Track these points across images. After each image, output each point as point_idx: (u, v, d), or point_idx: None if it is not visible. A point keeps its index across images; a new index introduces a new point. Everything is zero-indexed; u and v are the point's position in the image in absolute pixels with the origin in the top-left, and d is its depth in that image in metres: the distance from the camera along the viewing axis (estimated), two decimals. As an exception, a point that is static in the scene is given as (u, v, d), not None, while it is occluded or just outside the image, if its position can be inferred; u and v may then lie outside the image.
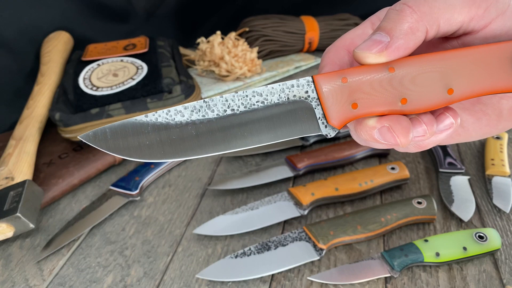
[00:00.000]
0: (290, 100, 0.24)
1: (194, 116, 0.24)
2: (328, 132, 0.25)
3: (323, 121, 0.24)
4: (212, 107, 0.24)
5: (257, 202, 0.50)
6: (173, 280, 0.43)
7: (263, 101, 0.24)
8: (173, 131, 0.24)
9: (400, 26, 0.23)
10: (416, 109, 0.24)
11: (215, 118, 0.24)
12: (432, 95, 0.24)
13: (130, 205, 0.54)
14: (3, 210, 0.45)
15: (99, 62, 0.67)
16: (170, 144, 0.24)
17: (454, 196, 0.50)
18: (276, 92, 0.24)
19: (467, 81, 0.24)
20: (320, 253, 0.43)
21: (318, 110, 0.24)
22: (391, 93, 0.24)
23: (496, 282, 0.41)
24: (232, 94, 0.24)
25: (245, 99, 0.24)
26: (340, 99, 0.24)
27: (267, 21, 0.84)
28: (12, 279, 0.44)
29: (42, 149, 0.59)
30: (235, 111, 0.24)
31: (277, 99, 0.24)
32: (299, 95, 0.24)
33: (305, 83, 0.24)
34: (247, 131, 0.24)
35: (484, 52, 0.24)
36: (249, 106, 0.24)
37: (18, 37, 0.71)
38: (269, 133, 0.24)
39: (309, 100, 0.24)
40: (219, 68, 0.74)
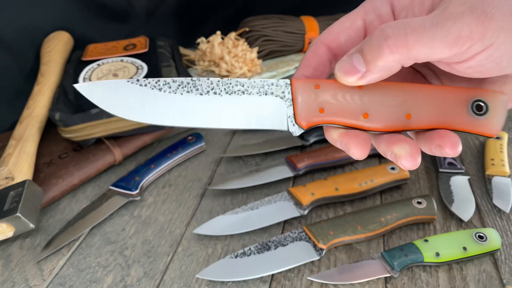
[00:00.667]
0: (267, 95, 0.27)
1: (180, 90, 0.27)
2: (294, 130, 0.27)
3: (292, 120, 0.27)
4: (198, 86, 0.27)
5: (257, 202, 0.50)
6: (173, 280, 0.43)
7: (243, 91, 0.27)
8: (158, 98, 0.27)
9: (377, 62, 0.25)
10: (376, 125, 0.27)
11: (198, 95, 0.27)
12: (392, 115, 0.26)
13: (130, 205, 0.54)
14: (3, 210, 0.45)
15: (99, 62, 0.67)
16: (153, 108, 0.27)
17: (454, 196, 0.50)
18: (256, 86, 0.27)
19: (425, 111, 0.26)
20: (320, 253, 0.43)
21: (289, 109, 0.27)
22: (355, 106, 0.27)
23: (496, 282, 0.41)
24: (217, 79, 0.27)
25: (228, 86, 0.27)
26: (310, 103, 0.27)
27: (267, 21, 0.84)
28: (12, 279, 0.44)
29: (42, 149, 0.59)
30: (217, 94, 0.27)
31: (256, 92, 0.27)
32: (276, 93, 0.27)
33: (284, 84, 0.27)
34: (223, 113, 0.27)
35: (445, 92, 0.27)
36: (230, 92, 0.27)
37: (18, 37, 0.71)
38: (243, 119, 0.27)
39: (284, 99, 0.27)
40: (219, 68, 0.74)
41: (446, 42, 0.23)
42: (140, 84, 0.27)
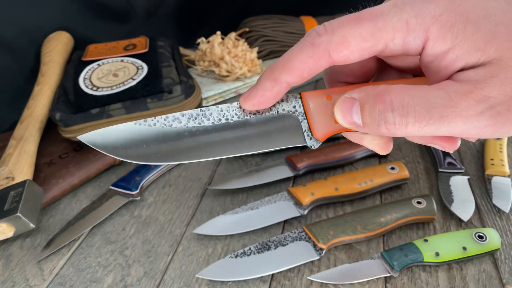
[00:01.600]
0: (279, 113, 0.26)
1: (191, 123, 0.26)
2: (312, 144, 0.27)
3: (308, 134, 0.26)
4: (208, 116, 0.26)
5: (257, 202, 0.50)
6: (173, 280, 0.43)
7: (255, 113, 0.26)
8: (170, 136, 0.25)
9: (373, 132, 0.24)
10: None
11: (210, 126, 0.26)
12: None
13: (130, 205, 0.54)
14: (3, 210, 0.45)
15: (100, 62, 0.67)
16: (166, 148, 0.25)
17: (454, 196, 0.50)
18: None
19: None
20: (320, 253, 0.43)
21: (304, 123, 0.26)
22: None
23: (496, 282, 0.41)
24: (227, 105, 0.26)
25: (239, 110, 0.26)
26: (324, 114, 0.26)
27: (267, 22, 0.84)
28: (13, 279, 0.44)
29: (43, 149, 0.59)
30: (229, 120, 0.26)
31: (267, 111, 0.26)
32: (288, 109, 0.26)
33: (293, 99, 0.26)
34: (239, 139, 0.26)
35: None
36: (243, 117, 0.26)
37: (19, 37, 0.71)
38: (259, 142, 0.26)
39: (296, 114, 0.26)
40: (219, 68, 0.74)
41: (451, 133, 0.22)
42: (148, 125, 0.25)
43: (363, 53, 0.24)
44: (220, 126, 0.26)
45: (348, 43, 0.23)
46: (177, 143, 0.25)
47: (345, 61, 0.24)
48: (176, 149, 0.25)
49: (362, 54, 0.24)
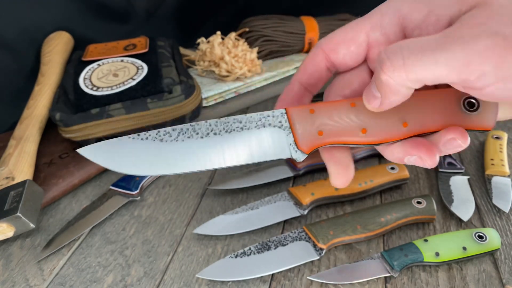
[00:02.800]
0: (266, 127, 0.28)
1: (181, 137, 0.27)
2: (298, 156, 0.28)
3: (294, 147, 0.28)
4: (197, 130, 0.28)
5: (257, 202, 0.50)
6: (173, 280, 0.43)
7: (242, 127, 0.28)
8: (162, 148, 0.27)
9: (382, 89, 0.24)
10: (375, 139, 0.27)
11: (199, 139, 0.27)
12: (389, 126, 0.27)
13: (130, 205, 0.54)
14: (3, 210, 0.45)
15: (100, 62, 0.67)
16: (157, 160, 0.27)
17: (454, 196, 0.50)
18: (254, 120, 0.28)
19: (420, 116, 0.27)
20: (320, 253, 0.43)
21: (289, 137, 0.28)
22: (352, 124, 0.27)
23: (496, 282, 0.41)
24: (215, 120, 0.28)
25: (226, 125, 0.28)
26: (308, 128, 0.27)
27: (267, 22, 0.84)
28: (13, 279, 0.44)
29: (43, 149, 0.59)
30: (217, 134, 0.28)
31: (254, 126, 0.28)
32: (274, 123, 0.28)
33: (279, 114, 0.28)
34: (226, 152, 0.27)
35: (436, 95, 0.27)
36: (230, 130, 0.28)
37: (19, 37, 0.71)
38: (246, 154, 0.27)
39: (282, 128, 0.28)
40: (219, 68, 0.74)
41: (451, 67, 0.21)
42: (141, 138, 0.27)
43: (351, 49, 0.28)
44: (208, 139, 0.27)
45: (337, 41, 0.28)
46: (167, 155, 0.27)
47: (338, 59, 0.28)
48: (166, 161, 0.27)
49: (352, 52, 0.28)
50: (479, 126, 0.27)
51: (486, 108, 0.26)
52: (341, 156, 0.30)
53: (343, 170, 0.30)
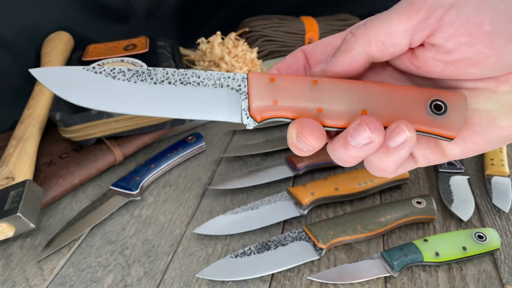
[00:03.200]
0: (223, 88, 0.27)
1: (134, 79, 0.27)
2: (248, 122, 0.27)
3: (246, 113, 0.27)
4: (153, 75, 0.27)
5: (257, 202, 0.50)
6: (173, 280, 0.43)
7: (199, 82, 0.27)
8: (112, 85, 0.27)
9: (339, 47, 0.26)
10: (330, 120, 0.26)
11: (152, 84, 0.27)
12: (347, 110, 0.26)
13: (130, 205, 0.54)
14: (3, 210, 0.45)
15: (100, 62, 0.67)
16: (104, 96, 0.27)
17: (454, 196, 0.50)
18: (213, 78, 0.27)
19: (382, 107, 0.26)
20: (320, 253, 0.43)
21: (244, 102, 0.27)
22: (309, 99, 0.26)
23: (496, 282, 0.41)
24: (173, 70, 0.27)
25: (184, 76, 0.27)
26: (264, 95, 0.27)
27: (267, 22, 0.84)
28: (13, 279, 0.44)
29: (43, 149, 0.59)
30: (171, 84, 0.27)
31: (212, 84, 0.27)
32: (232, 86, 0.27)
33: (240, 78, 0.27)
34: (177, 103, 0.27)
35: (403, 91, 0.26)
36: (185, 83, 0.27)
37: (19, 37, 0.71)
38: (196, 110, 0.27)
39: (240, 92, 0.27)
40: (219, 69, 0.74)
41: (401, 11, 0.23)
42: (95, 72, 0.27)
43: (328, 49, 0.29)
44: (162, 86, 0.27)
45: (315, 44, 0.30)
46: (116, 92, 0.27)
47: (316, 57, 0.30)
48: (113, 98, 0.27)
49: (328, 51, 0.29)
50: (442, 132, 0.25)
51: (453, 113, 0.25)
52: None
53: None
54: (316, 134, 0.26)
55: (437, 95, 0.26)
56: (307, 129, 0.26)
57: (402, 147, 0.25)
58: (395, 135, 0.25)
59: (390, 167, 0.26)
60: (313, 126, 0.26)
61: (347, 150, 0.25)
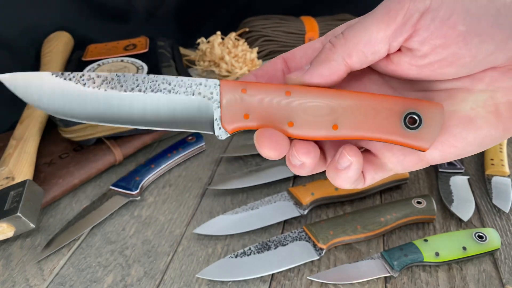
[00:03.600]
0: (194, 96, 0.26)
1: (104, 86, 0.26)
2: (220, 134, 0.26)
3: (218, 123, 0.26)
4: (122, 82, 0.26)
5: (257, 202, 0.50)
6: (173, 280, 0.43)
7: (170, 89, 0.26)
8: (80, 94, 0.26)
9: (319, 58, 0.26)
10: (301, 134, 0.26)
11: (122, 93, 0.26)
12: (317, 125, 0.26)
13: (130, 205, 0.54)
14: (3, 210, 0.45)
15: (100, 62, 0.67)
16: (73, 104, 0.26)
17: (454, 196, 0.50)
18: (184, 85, 0.26)
19: (353, 123, 0.26)
20: (320, 253, 0.43)
21: (217, 112, 0.26)
22: (281, 113, 0.26)
23: (496, 282, 0.41)
24: (143, 75, 0.26)
25: (154, 83, 0.26)
26: (235, 107, 0.26)
27: (267, 22, 0.84)
28: (13, 279, 0.44)
29: (43, 149, 0.59)
30: (141, 92, 0.26)
31: (183, 92, 0.26)
32: (204, 93, 0.26)
33: (213, 85, 0.26)
34: (148, 112, 0.26)
35: (378, 102, 0.26)
36: (156, 91, 0.26)
37: (19, 37, 0.71)
38: (168, 120, 0.26)
39: (212, 100, 0.26)
40: (219, 69, 0.74)
41: (378, 18, 0.24)
42: (64, 78, 0.26)
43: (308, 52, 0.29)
44: (132, 94, 0.26)
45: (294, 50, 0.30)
46: (85, 101, 0.26)
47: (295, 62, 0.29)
48: (83, 107, 0.26)
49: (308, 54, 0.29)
50: (414, 145, 0.25)
51: (427, 127, 0.25)
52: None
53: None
54: (273, 146, 0.25)
55: (413, 106, 0.25)
56: (265, 140, 0.26)
57: (348, 168, 0.26)
58: (340, 159, 0.26)
59: (346, 184, 0.27)
60: (271, 137, 0.26)
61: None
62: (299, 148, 0.26)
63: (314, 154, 0.26)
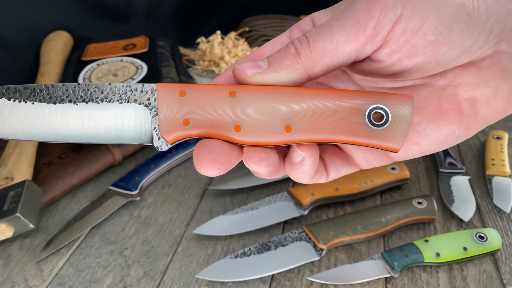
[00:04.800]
0: (130, 103, 0.24)
1: (31, 99, 0.24)
2: (160, 144, 0.24)
3: (157, 133, 0.23)
4: (51, 94, 0.24)
5: (257, 202, 0.50)
6: (173, 280, 0.43)
7: (102, 98, 0.24)
8: (6, 108, 0.24)
9: (280, 61, 0.23)
10: (250, 139, 0.23)
11: (51, 104, 0.23)
12: (268, 128, 0.23)
13: (130, 205, 0.54)
14: (2, 210, 0.45)
15: (99, 62, 0.67)
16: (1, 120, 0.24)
17: (455, 196, 0.50)
18: (118, 92, 0.24)
19: (308, 123, 0.23)
20: (320, 253, 0.43)
21: (155, 120, 0.23)
22: (226, 117, 0.23)
23: (497, 282, 0.40)
24: (74, 85, 0.24)
25: (85, 93, 0.24)
26: (173, 114, 0.23)
27: (267, 21, 0.84)
28: (12, 279, 0.44)
29: (42, 149, 0.59)
30: (72, 103, 0.24)
31: (117, 99, 0.24)
32: (141, 100, 0.24)
33: (149, 90, 0.24)
34: (80, 125, 0.24)
35: (338, 96, 0.23)
36: (88, 100, 0.24)
37: (18, 37, 0.71)
38: (103, 132, 0.24)
39: (149, 107, 0.23)
40: (219, 68, 0.74)
41: (347, 30, 0.22)
42: None
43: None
44: (62, 106, 0.24)
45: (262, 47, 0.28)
46: (9, 116, 0.24)
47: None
48: (7, 122, 0.24)
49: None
50: (384, 146, 0.23)
51: (395, 124, 0.23)
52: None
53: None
54: (214, 159, 0.23)
55: (379, 100, 0.23)
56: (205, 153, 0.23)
57: (301, 164, 0.24)
58: (293, 154, 0.24)
59: (303, 179, 0.26)
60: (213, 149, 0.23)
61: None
62: (250, 156, 0.23)
63: (267, 161, 0.24)
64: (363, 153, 0.27)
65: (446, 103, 0.25)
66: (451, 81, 0.25)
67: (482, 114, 0.25)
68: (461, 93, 0.25)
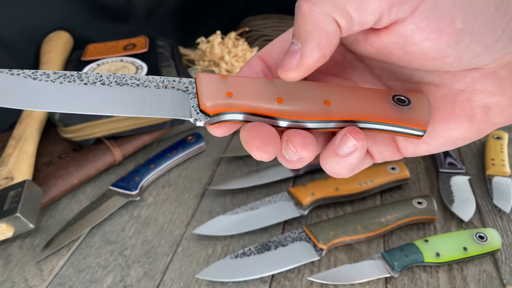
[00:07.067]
0: (167, 89, 0.24)
1: (59, 80, 0.24)
2: (199, 117, 0.24)
3: (196, 109, 0.24)
4: (83, 78, 0.24)
5: (257, 202, 0.50)
6: (173, 280, 0.43)
7: (138, 84, 0.24)
8: (29, 84, 0.24)
9: (304, 27, 0.22)
10: (292, 111, 0.24)
11: (82, 85, 0.24)
12: (308, 100, 0.24)
13: (130, 205, 0.54)
14: (2, 210, 0.45)
15: (99, 62, 0.67)
16: (20, 93, 0.24)
17: (455, 196, 0.50)
18: (155, 81, 0.25)
19: (345, 98, 0.24)
20: (320, 253, 0.43)
21: (193, 100, 0.24)
22: (267, 91, 0.24)
23: (497, 283, 0.41)
24: (109, 73, 0.24)
25: (121, 79, 0.24)
26: (216, 89, 0.24)
27: (267, 21, 0.84)
28: (12, 279, 0.44)
29: (42, 149, 0.59)
30: (105, 85, 0.24)
31: (154, 85, 0.24)
32: (178, 87, 0.25)
33: (188, 81, 0.25)
34: (110, 101, 0.24)
35: (364, 89, 0.25)
36: (122, 84, 0.24)
37: (18, 37, 0.71)
38: (135, 107, 0.24)
39: (187, 92, 0.24)
40: (219, 68, 0.74)
41: None
42: (11, 74, 0.24)
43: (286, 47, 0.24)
44: (92, 87, 0.24)
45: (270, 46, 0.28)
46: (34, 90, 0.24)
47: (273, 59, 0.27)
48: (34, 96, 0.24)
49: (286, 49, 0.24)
50: (412, 122, 0.24)
51: (417, 106, 0.24)
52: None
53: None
54: (267, 141, 0.23)
55: (398, 92, 0.25)
56: (256, 135, 0.23)
57: (351, 155, 0.23)
58: (343, 144, 0.23)
59: (343, 173, 0.25)
60: (263, 132, 0.23)
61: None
62: (296, 141, 0.23)
63: (313, 146, 0.23)
64: (379, 147, 0.27)
65: (460, 108, 0.25)
66: (468, 86, 0.24)
67: (495, 121, 0.25)
68: (476, 99, 0.24)
